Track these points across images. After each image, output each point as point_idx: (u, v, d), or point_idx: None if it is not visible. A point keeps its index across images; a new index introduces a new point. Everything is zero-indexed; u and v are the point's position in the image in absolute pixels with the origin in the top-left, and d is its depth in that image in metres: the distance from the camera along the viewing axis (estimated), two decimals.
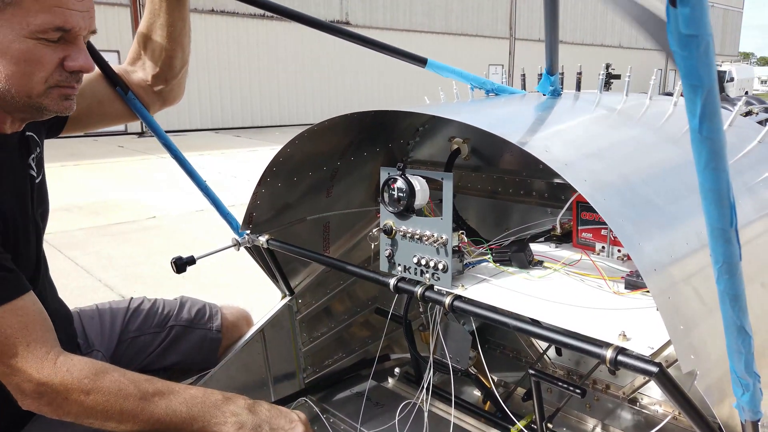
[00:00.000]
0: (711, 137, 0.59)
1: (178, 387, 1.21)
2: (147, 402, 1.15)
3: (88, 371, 1.13)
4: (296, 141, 1.64)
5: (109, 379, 1.14)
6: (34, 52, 1.08)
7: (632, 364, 0.95)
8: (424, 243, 1.32)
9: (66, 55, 1.13)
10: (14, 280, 1.11)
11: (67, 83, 1.15)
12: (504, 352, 2.29)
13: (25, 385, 1.10)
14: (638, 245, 0.95)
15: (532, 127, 1.25)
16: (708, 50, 0.55)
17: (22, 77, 1.10)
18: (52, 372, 1.10)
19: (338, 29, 1.61)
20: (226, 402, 1.23)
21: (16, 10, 1.05)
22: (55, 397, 1.11)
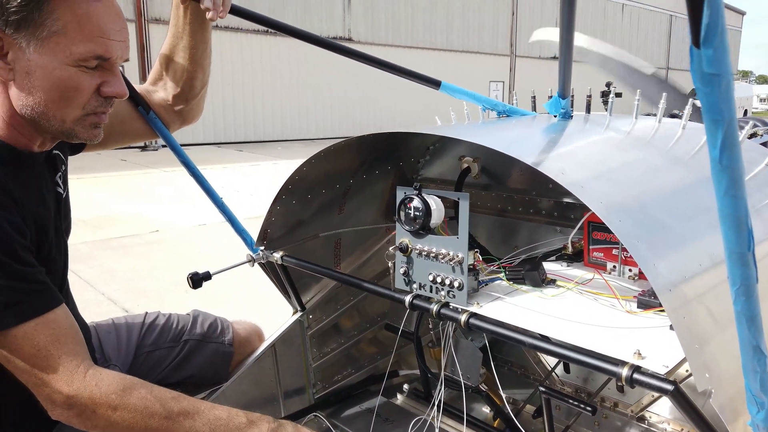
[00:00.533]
0: (731, 166, 0.63)
1: (204, 407, 1.23)
2: (172, 421, 1.17)
3: (116, 387, 1.15)
4: (312, 160, 1.68)
5: (137, 396, 1.16)
6: (75, 79, 1.13)
7: (648, 382, 0.97)
8: (440, 261, 1.35)
9: (103, 81, 1.17)
10: (47, 293, 1.14)
11: (101, 109, 1.20)
12: (511, 369, 2.30)
13: (55, 397, 1.12)
14: (653, 265, 0.98)
15: (546, 149, 1.29)
16: (729, 87, 0.59)
17: (60, 102, 1.14)
18: (82, 386, 1.12)
19: (353, 51, 1.65)
20: (250, 425, 1.24)
21: (60, 38, 1.08)
22: (83, 410, 1.13)
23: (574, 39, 1.31)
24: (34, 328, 1.10)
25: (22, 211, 1.14)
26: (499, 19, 24.78)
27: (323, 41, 1.68)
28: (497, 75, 24.40)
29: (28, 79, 1.11)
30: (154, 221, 7.38)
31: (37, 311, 1.10)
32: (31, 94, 1.12)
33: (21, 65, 1.10)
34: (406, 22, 21.46)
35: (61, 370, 1.12)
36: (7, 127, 1.18)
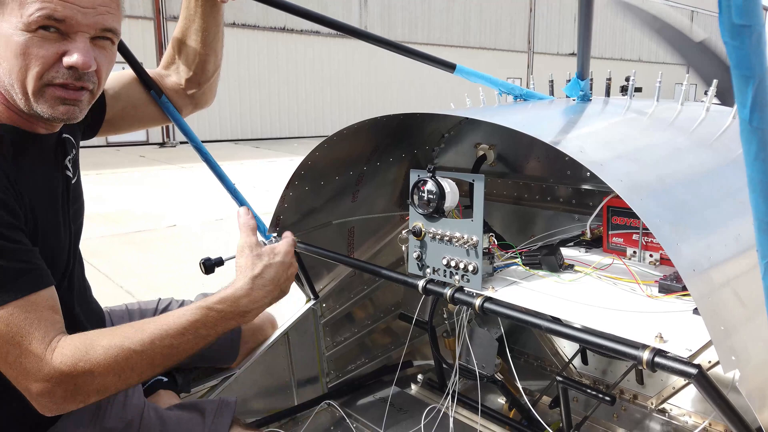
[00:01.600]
0: (762, 128, 0.59)
1: (172, 319, 1.16)
2: (151, 349, 1.12)
3: (78, 353, 1.06)
4: (325, 145, 1.66)
5: (102, 350, 1.08)
6: (29, 45, 1.06)
7: (670, 365, 0.94)
8: (453, 245, 1.32)
9: (67, 50, 1.09)
10: (34, 275, 1.08)
11: (61, 80, 1.11)
12: (528, 361, 2.26)
13: (33, 388, 1.05)
14: (677, 246, 0.95)
15: (565, 129, 1.25)
16: (760, 40, 0.55)
17: (20, 72, 1.08)
18: (50, 366, 1.05)
19: (369, 35, 1.63)
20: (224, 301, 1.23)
21: (14, 4, 1.05)
22: (66, 389, 1.06)
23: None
24: (11, 312, 1.03)
25: (17, 191, 1.12)
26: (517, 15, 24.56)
27: (338, 23, 1.65)
28: (514, 72, 24.18)
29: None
30: (171, 216, 7.44)
31: (19, 292, 1.04)
32: (0, 66, 1.10)
33: None
34: (423, 19, 21.37)
35: (32, 358, 1.04)
36: (6, 109, 1.17)
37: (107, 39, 1.16)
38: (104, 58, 1.17)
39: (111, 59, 1.21)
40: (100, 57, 1.15)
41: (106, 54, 1.18)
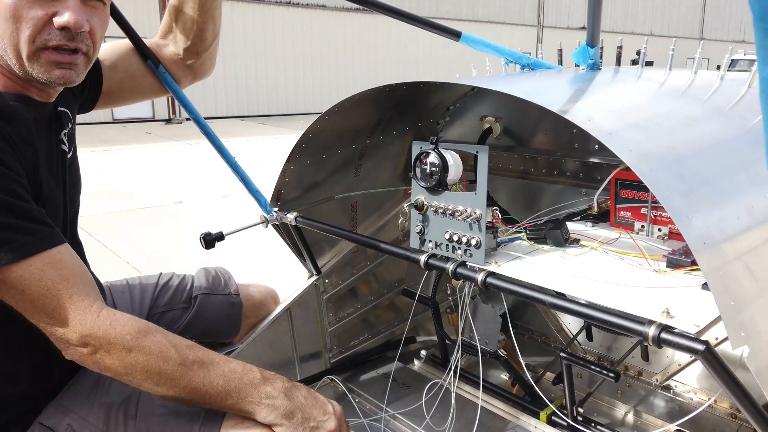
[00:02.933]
0: None
1: (219, 359, 1.17)
2: (186, 369, 1.12)
3: (131, 328, 1.10)
4: (326, 116, 1.62)
5: (152, 340, 1.11)
6: (18, 7, 1.06)
7: (676, 341, 0.91)
8: (456, 218, 1.28)
9: (57, 11, 1.09)
10: (50, 232, 1.10)
11: (55, 42, 1.10)
12: (532, 337, 2.24)
13: (69, 335, 1.08)
14: (687, 218, 0.91)
15: (573, 98, 1.20)
16: None
17: (12, 36, 1.08)
18: (95, 325, 1.08)
19: (373, 2, 1.57)
20: (264, 382, 1.18)
21: None
22: (98, 349, 1.09)
23: None
24: (41, 268, 1.05)
25: (19, 156, 1.11)
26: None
27: None
28: (524, 46, 23.67)
29: None
30: (178, 193, 7.43)
31: (39, 248, 1.06)
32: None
33: None
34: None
35: (73, 309, 1.07)
36: (1, 76, 1.15)
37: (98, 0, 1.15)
38: (96, 18, 1.16)
39: (104, 20, 1.20)
40: (92, 18, 1.14)
41: (98, 14, 1.17)
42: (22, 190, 1.08)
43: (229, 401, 1.15)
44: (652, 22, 29.18)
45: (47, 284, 1.06)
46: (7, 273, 1.04)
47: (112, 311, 1.12)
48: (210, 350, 1.19)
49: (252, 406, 1.15)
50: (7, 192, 1.04)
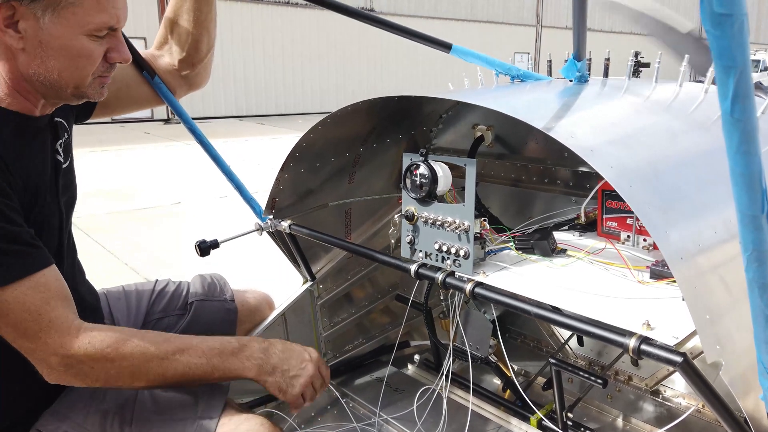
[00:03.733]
0: (743, 119, 0.58)
1: (196, 341, 1.26)
2: (169, 361, 1.20)
3: (109, 341, 1.16)
4: (319, 127, 1.64)
5: (130, 345, 1.18)
6: (88, 48, 1.16)
7: (656, 353, 0.94)
8: (446, 229, 1.31)
9: (109, 47, 1.20)
10: (37, 254, 1.13)
11: (107, 74, 1.24)
12: (524, 342, 2.27)
13: (51, 360, 1.13)
14: (665, 233, 0.94)
15: (558, 113, 1.23)
16: (742, 30, 0.54)
17: (73, 70, 1.17)
18: (75, 345, 1.13)
19: (362, 13, 1.60)
20: (242, 348, 1.30)
21: (77, 10, 1.11)
22: (81, 368, 1.15)
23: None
24: (25, 292, 1.09)
25: (9, 174, 1.13)
26: None
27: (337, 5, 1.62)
28: (523, 46, 23.83)
29: (40, 48, 1.12)
30: (176, 193, 7.46)
31: (26, 272, 1.09)
32: (44, 62, 1.14)
33: (33, 34, 1.10)
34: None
35: (53, 333, 1.11)
36: (12, 91, 1.18)
37: None
38: None
39: None
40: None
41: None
42: (12, 213, 1.10)
43: (216, 374, 1.26)
44: None
45: (29, 308, 1.09)
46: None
47: (89, 328, 1.17)
48: (186, 335, 1.28)
49: (238, 371, 1.28)
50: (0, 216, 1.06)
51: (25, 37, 1.10)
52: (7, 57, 1.14)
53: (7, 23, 1.08)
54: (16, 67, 1.15)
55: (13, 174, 1.13)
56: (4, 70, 1.15)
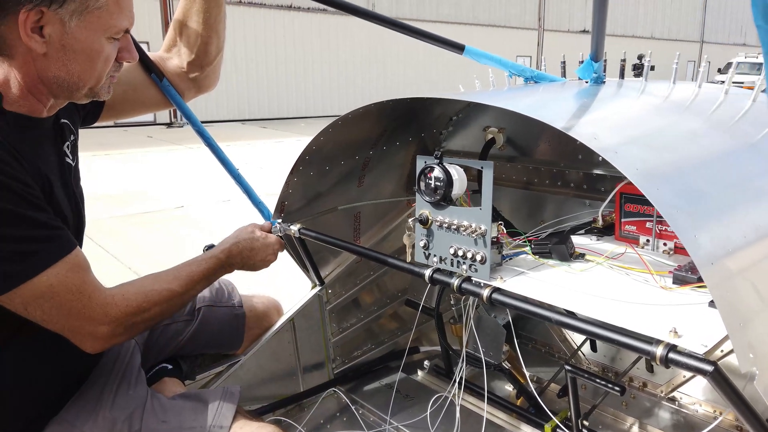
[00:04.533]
0: None
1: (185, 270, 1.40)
2: (185, 292, 1.37)
3: (140, 295, 1.26)
4: (330, 129, 1.62)
5: (157, 292, 1.30)
6: (107, 51, 1.18)
7: (684, 362, 0.90)
8: (461, 233, 1.28)
9: (121, 47, 1.22)
10: (67, 235, 1.16)
11: (116, 73, 1.26)
12: (536, 347, 2.24)
13: (98, 330, 1.18)
14: (693, 237, 0.91)
15: (577, 114, 1.20)
16: None
17: (91, 72, 1.18)
18: (116, 311, 1.20)
19: (374, 15, 1.57)
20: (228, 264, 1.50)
21: (102, 14, 1.13)
22: (127, 328, 1.24)
23: None
24: (66, 274, 1.12)
25: (29, 169, 1.13)
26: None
27: (343, 4, 1.60)
28: (524, 49, 23.81)
29: (63, 52, 1.13)
30: (179, 197, 7.44)
31: (62, 254, 1.12)
32: (65, 65, 1.14)
33: (57, 39, 1.11)
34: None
35: (97, 305, 1.17)
36: (27, 94, 1.17)
37: None
38: None
39: None
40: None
41: None
42: (38, 200, 1.12)
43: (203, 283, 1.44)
44: (653, 25, 29.22)
45: (71, 287, 1.13)
46: (36, 283, 1.08)
47: (117, 291, 1.24)
48: (177, 266, 1.40)
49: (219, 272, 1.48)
50: (26, 205, 1.07)
51: (48, 42, 1.11)
52: (24, 60, 1.13)
53: (33, 28, 1.08)
54: (33, 70, 1.14)
55: (26, 169, 1.12)
56: (20, 73, 1.14)
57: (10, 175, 1.06)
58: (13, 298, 1.09)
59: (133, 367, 1.44)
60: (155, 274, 1.36)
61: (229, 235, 1.58)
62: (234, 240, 1.54)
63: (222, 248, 1.50)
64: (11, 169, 1.07)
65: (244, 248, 1.54)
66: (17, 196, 1.07)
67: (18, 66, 1.12)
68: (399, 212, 2.15)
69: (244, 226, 1.62)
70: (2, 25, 1.07)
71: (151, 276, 1.35)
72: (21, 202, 1.07)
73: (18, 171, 1.08)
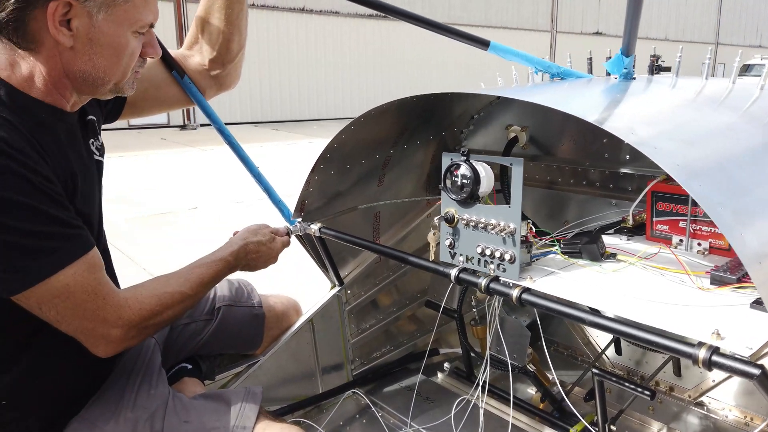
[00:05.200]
0: None
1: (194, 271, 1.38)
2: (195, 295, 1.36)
3: (153, 298, 1.24)
4: (352, 127, 1.59)
5: (169, 295, 1.28)
6: (133, 45, 1.17)
7: (729, 365, 0.87)
8: (489, 232, 1.25)
9: (145, 42, 1.21)
10: (86, 234, 1.14)
11: (140, 68, 1.25)
12: (558, 350, 2.20)
13: (111, 333, 1.16)
14: (740, 235, 0.87)
15: (609, 108, 1.17)
16: None
17: (119, 67, 1.17)
18: (130, 314, 1.19)
19: (400, 10, 1.55)
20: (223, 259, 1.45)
21: (129, 8, 1.12)
22: (139, 331, 1.22)
23: None
24: (82, 274, 1.10)
25: (53, 166, 1.11)
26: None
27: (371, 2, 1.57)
28: (537, 52, 23.55)
29: (89, 46, 1.12)
30: (192, 198, 7.46)
31: (79, 253, 1.10)
32: (91, 59, 1.14)
33: (84, 32, 1.10)
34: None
35: (109, 308, 1.15)
36: (51, 88, 1.16)
37: None
38: None
39: None
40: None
41: None
42: (61, 197, 1.10)
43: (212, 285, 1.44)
44: (667, 27, 28.95)
45: (87, 288, 1.12)
46: (53, 282, 1.07)
47: (130, 293, 1.23)
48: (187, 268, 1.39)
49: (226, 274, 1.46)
50: (47, 201, 1.06)
51: (76, 35, 1.10)
52: (51, 54, 1.12)
53: (61, 21, 1.07)
54: (59, 63, 1.13)
55: (49, 164, 1.10)
56: (45, 67, 1.13)
57: (31, 169, 1.04)
58: (29, 296, 1.07)
59: (154, 366, 1.42)
60: (165, 276, 1.34)
61: (236, 236, 1.55)
62: (242, 242, 1.51)
63: (230, 250, 1.47)
64: (33, 163, 1.05)
65: (250, 251, 1.51)
66: (39, 191, 1.05)
67: (44, 60, 1.11)
68: (419, 212, 2.12)
69: (253, 227, 1.59)
70: (30, 18, 1.06)
71: (162, 278, 1.33)
72: (43, 197, 1.06)
73: (40, 166, 1.07)
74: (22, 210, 1.02)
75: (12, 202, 1.01)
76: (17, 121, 1.07)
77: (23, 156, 1.04)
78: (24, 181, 1.03)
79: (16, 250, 1.03)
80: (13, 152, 1.02)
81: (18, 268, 1.04)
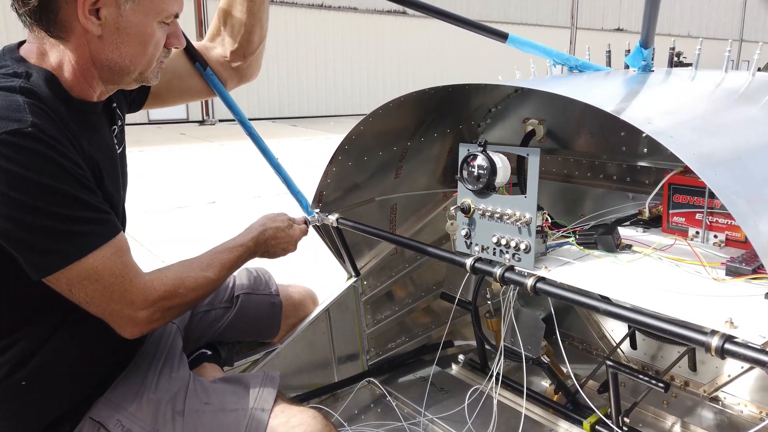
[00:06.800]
0: None
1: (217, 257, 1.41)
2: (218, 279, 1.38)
3: (176, 280, 1.26)
4: (370, 118, 1.62)
5: (191, 279, 1.30)
6: (158, 35, 1.20)
7: (742, 353, 0.88)
8: (504, 222, 1.27)
9: (169, 33, 1.24)
10: (113, 219, 1.18)
11: (164, 58, 1.27)
12: (572, 344, 2.20)
13: (137, 315, 1.19)
14: (755, 225, 0.87)
15: (627, 99, 1.18)
16: None
17: (143, 56, 1.20)
18: (155, 294, 1.21)
19: (419, 3, 1.56)
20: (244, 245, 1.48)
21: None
22: (165, 312, 1.24)
23: None
24: (110, 257, 1.13)
25: (81, 153, 1.15)
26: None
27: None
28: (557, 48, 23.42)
29: (117, 35, 1.15)
30: (211, 193, 7.54)
31: (108, 237, 1.13)
32: (118, 48, 1.17)
33: (112, 21, 1.13)
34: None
35: (136, 291, 1.17)
36: (78, 77, 1.20)
37: None
38: None
39: None
40: None
41: None
42: (89, 183, 1.14)
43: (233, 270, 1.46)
44: (690, 23, 28.47)
45: (115, 271, 1.15)
46: (84, 264, 1.10)
47: (155, 275, 1.25)
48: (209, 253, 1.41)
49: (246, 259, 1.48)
50: (79, 187, 1.09)
51: (104, 24, 1.13)
52: (79, 42, 1.15)
53: (90, 10, 1.10)
54: (87, 52, 1.17)
55: (78, 151, 1.14)
56: (74, 56, 1.16)
57: (64, 156, 1.08)
58: (60, 278, 1.11)
59: (175, 350, 1.46)
60: (188, 260, 1.37)
61: (255, 222, 1.57)
62: (261, 228, 1.54)
63: (251, 236, 1.51)
64: (66, 150, 1.09)
65: (269, 237, 1.54)
66: (72, 176, 1.09)
67: (72, 48, 1.15)
68: (435, 205, 2.14)
69: (271, 214, 1.62)
70: (61, 7, 1.09)
71: (186, 262, 1.35)
72: (74, 183, 1.09)
73: (71, 152, 1.10)
74: (57, 195, 1.06)
75: (47, 187, 1.05)
76: (50, 108, 1.11)
77: (56, 143, 1.07)
78: (58, 167, 1.07)
79: (50, 233, 1.06)
80: (47, 139, 1.05)
81: (52, 251, 1.08)
